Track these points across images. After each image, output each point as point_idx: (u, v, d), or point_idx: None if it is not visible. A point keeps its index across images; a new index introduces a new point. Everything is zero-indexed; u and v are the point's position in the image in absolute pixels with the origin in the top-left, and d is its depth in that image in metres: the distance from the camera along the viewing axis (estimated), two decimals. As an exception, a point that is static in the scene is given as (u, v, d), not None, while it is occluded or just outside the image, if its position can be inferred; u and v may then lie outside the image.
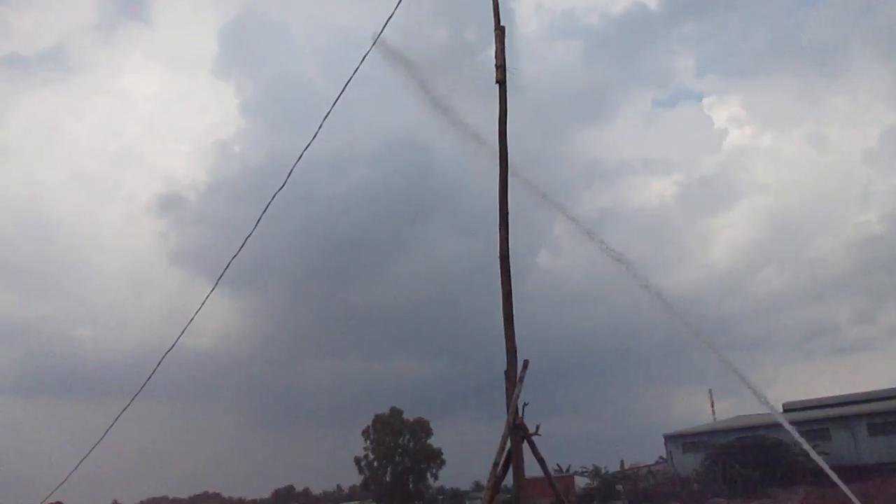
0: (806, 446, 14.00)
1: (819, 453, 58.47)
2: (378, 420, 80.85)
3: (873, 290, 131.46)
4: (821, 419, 63.76)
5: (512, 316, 7.30)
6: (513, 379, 7.20)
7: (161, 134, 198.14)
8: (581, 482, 79.83)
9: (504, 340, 7.33)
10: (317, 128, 8.96)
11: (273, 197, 9.20)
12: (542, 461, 7.11)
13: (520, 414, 7.07)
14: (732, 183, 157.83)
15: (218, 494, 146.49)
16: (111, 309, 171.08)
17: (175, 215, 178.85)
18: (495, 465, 6.79)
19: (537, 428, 7.16)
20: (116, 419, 11.68)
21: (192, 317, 10.92)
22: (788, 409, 72.76)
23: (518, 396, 7.05)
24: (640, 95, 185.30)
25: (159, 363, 10.92)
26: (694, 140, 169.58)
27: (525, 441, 7.02)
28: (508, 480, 7.42)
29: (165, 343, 14.14)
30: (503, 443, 6.82)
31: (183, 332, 10.75)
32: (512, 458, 6.87)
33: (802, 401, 71.92)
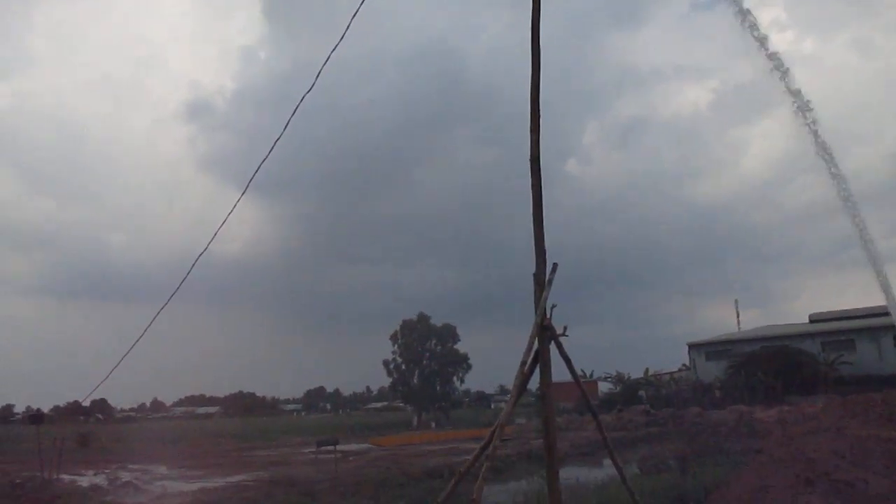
0: None
1: (843, 363, 59.00)
2: (406, 325, 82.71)
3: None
4: (846, 330, 63.87)
5: (542, 218, 7.22)
6: (542, 281, 7.23)
7: (186, 39, 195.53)
8: (604, 387, 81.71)
9: (533, 243, 7.29)
10: (343, 30, 8.65)
11: (301, 99, 9.03)
12: (568, 360, 7.22)
13: (548, 315, 7.13)
14: (770, 91, 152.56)
15: (252, 394, 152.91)
16: (142, 214, 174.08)
17: (202, 122, 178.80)
18: (523, 363, 6.91)
19: (565, 329, 7.23)
20: (153, 320, 11.99)
21: (221, 222, 11.00)
22: (815, 319, 72.76)
23: (546, 298, 7.09)
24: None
25: (192, 267, 11.08)
26: (731, 45, 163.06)
27: (552, 342, 7.12)
28: (533, 384, 7.56)
29: (195, 248, 14.34)
30: (531, 342, 6.92)
31: (213, 238, 10.85)
32: (539, 358, 6.99)
33: (828, 312, 71.84)
